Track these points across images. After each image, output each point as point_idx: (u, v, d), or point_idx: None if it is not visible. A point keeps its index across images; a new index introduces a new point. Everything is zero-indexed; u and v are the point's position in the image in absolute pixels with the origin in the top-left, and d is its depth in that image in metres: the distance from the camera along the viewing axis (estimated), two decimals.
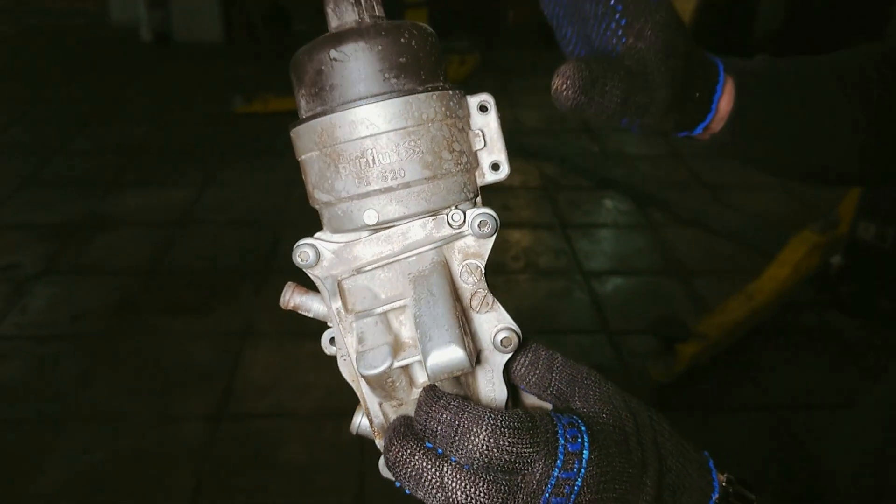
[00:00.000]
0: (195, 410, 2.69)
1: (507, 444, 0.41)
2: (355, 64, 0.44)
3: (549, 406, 0.49)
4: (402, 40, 0.45)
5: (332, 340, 0.49)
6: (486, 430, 0.41)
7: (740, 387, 2.88)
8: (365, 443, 0.48)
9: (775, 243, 3.52)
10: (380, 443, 0.48)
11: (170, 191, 4.33)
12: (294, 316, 0.49)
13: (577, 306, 3.38)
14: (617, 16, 0.54)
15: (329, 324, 0.49)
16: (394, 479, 0.43)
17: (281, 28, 7.67)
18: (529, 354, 0.48)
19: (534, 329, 3.18)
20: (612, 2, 0.54)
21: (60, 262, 3.60)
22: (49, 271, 3.52)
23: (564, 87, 0.52)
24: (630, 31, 0.55)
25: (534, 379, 0.48)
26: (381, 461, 0.46)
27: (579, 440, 0.42)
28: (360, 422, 0.50)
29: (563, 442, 0.41)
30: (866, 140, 0.67)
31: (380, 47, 0.44)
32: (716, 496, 0.46)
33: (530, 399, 0.50)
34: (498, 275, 3.60)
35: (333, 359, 0.49)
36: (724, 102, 0.63)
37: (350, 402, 0.47)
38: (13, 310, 3.22)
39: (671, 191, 4.47)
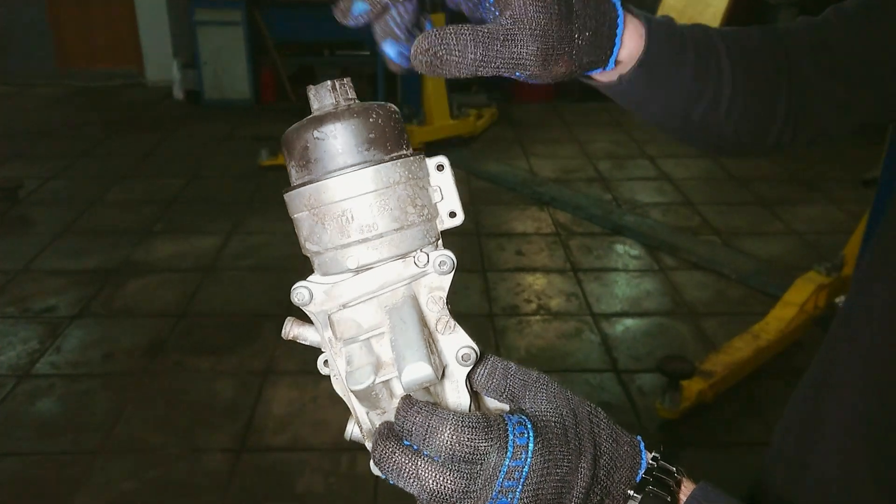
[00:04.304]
0: (219, 443, 2.81)
1: (466, 439, 0.50)
2: (333, 141, 0.54)
3: (506, 407, 0.58)
4: (371, 119, 0.55)
5: (325, 363, 0.59)
6: (449, 429, 0.50)
7: (746, 423, 2.94)
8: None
9: (784, 287, 3.60)
10: (369, 445, 0.57)
11: (198, 239, 4.55)
12: (312, 357, 0.60)
13: (588, 346, 3.47)
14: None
15: (322, 350, 0.59)
16: (380, 473, 0.53)
17: (306, 87, 8.01)
18: (488, 366, 0.58)
19: (545, 368, 3.27)
20: None
21: (94, 305, 3.79)
22: (83, 314, 3.70)
23: (416, 55, 0.57)
24: (498, 5, 0.58)
25: (492, 386, 0.57)
26: (372, 460, 0.55)
27: (525, 435, 0.51)
28: (352, 430, 0.60)
29: (512, 437, 0.51)
30: (743, 102, 0.72)
31: (353, 127, 0.55)
32: (642, 471, 0.56)
33: (492, 402, 0.59)
34: (511, 316, 3.72)
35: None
36: (632, 40, 0.65)
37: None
38: (49, 350, 3.40)
39: (682, 236, 4.58)
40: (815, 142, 0.80)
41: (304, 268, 0.57)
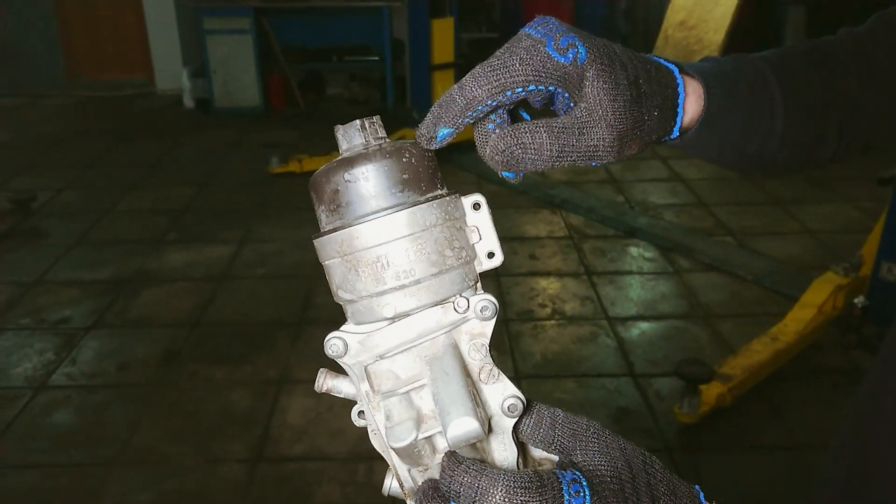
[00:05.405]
0: (235, 454, 2.80)
1: (519, 501, 0.46)
2: (365, 184, 0.52)
3: (555, 458, 0.55)
4: (404, 160, 0.53)
5: (359, 414, 0.56)
6: (501, 491, 0.46)
7: (765, 427, 2.90)
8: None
9: (800, 287, 3.56)
10: (411, 503, 0.55)
11: (211, 248, 4.55)
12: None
13: (603, 351, 3.45)
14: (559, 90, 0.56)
15: (358, 402, 0.56)
16: None
17: (316, 93, 8.03)
18: (534, 416, 0.54)
19: (561, 374, 3.26)
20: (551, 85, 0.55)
21: (108, 316, 3.80)
22: (98, 325, 3.71)
23: (492, 155, 0.56)
24: (573, 98, 0.56)
25: (539, 437, 0.54)
26: None
27: (581, 494, 0.48)
28: (390, 484, 0.57)
29: (567, 497, 0.48)
30: (795, 132, 0.71)
31: (385, 168, 0.52)
32: None
33: (538, 452, 0.56)
34: (525, 321, 3.70)
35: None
36: (692, 103, 0.64)
37: None
38: (64, 361, 3.40)
39: (696, 238, 4.55)
40: (866, 153, 0.77)
41: (317, 275, 0.53)
